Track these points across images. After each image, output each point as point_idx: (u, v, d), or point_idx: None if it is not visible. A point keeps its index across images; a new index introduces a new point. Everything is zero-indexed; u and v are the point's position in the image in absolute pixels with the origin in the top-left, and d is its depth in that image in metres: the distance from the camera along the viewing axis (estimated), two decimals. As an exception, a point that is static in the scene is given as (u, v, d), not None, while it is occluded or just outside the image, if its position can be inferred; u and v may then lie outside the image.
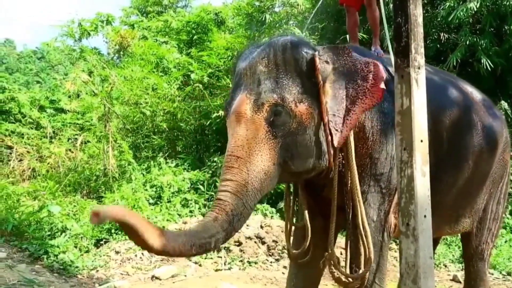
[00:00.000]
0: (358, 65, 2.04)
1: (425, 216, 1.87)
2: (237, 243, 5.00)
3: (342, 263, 2.20)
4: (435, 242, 3.16)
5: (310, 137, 1.93)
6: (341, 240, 2.77)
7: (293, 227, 2.43)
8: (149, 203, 5.91)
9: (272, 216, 5.83)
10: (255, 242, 5.07)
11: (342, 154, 2.10)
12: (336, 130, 1.97)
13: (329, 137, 1.96)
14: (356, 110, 1.99)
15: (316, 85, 1.95)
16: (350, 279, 2.13)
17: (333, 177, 2.08)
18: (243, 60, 2.04)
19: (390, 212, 2.17)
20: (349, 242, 2.19)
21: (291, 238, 2.46)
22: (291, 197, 2.42)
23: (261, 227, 5.39)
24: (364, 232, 2.09)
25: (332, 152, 2.00)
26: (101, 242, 5.19)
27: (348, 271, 2.17)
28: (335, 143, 1.96)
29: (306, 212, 2.28)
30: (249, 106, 1.87)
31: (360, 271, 2.10)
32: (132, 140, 7.64)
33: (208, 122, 7.27)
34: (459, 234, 3.22)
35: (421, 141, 1.89)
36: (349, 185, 2.10)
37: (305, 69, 1.95)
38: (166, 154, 7.20)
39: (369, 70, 2.03)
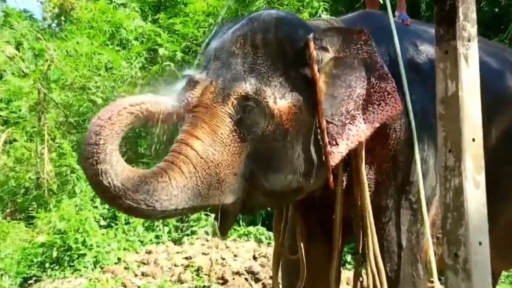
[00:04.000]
0: (377, 57, 2.08)
1: (480, 243, 1.87)
2: (220, 281, 4.98)
3: None
4: (493, 280, 3.13)
5: (292, 146, 1.96)
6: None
7: (283, 257, 2.49)
8: (100, 226, 5.87)
9: (269, 243, 5.81)
10: (246, 279, 5.04)
11: (349, 161, 2.14)
12: (330, 143, 1.99)
13: (326, 151, 1.99)
14: (371, 119, 2.03)
15: (308, 78, 1.98)
16: None
17: (336, 194, 2.14)
18: (216, 39, 2.11)
19: (426, 234, 2.19)
20: (357, 279, 2.26)
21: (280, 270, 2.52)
22: (283, 217, 2.46)
23: (254, 258, 5.39)
24: (377, 266, 2.13)
25: (329, 170, 2.02)
26: (30, 282, 5.14)
27: None
28: (329, 161, 1.99)
29: (301, 239, 2.34)
30: (212, 96, 1.91)
31: None
32: (77, 138, 7.53)
33: (183, 115, 7.22)
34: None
35: (473, 140, 1.90)
36: (358, 203, 2.14)
37: (294, 55, 2.00)
38: (125, 158, 7.07)
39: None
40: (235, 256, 5.40)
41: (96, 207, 6.18)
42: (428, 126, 2.18)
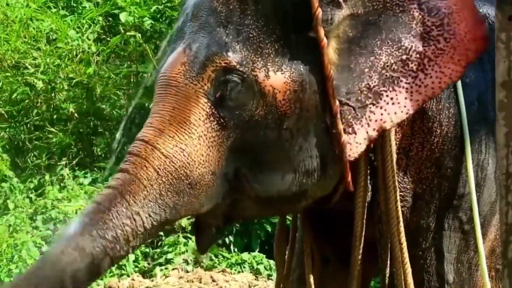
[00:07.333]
0: (414, 9, 2.05)
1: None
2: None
3: None
4: None
5: (291, 135, 1.99)
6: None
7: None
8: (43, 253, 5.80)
9: (269, 275, 5.86)
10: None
11: (374, 160, 2.20)
12: (345, 130, 2.02)
13: (341, 142, 2.02)
14: (403, 101, 2.02)
15: (315, 45, 1.99)
16: None
17: (357, 203, 2.17)
18: None
19: (481, 265, 2.21)
20: None
21: None
22: (290, 236, 2.53)
23: (249, 294, 5.50)
24: None
25: (347, 165, 2.05)
26: None
27: None
28: (346, 155, 2.01)
29: (310, 266, 2.37)
30: (184, 69, 1.95)
31: None
32: (9, 135, 7.65)
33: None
34: None
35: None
36: (386, 218, 2.18)
37: (293, 13, 2.01)
38: (75, 161, 7.27)
39: (442, 13, 2.03)
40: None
41: (36, 227, 6.13)
42: (487, 120, 2.20)
